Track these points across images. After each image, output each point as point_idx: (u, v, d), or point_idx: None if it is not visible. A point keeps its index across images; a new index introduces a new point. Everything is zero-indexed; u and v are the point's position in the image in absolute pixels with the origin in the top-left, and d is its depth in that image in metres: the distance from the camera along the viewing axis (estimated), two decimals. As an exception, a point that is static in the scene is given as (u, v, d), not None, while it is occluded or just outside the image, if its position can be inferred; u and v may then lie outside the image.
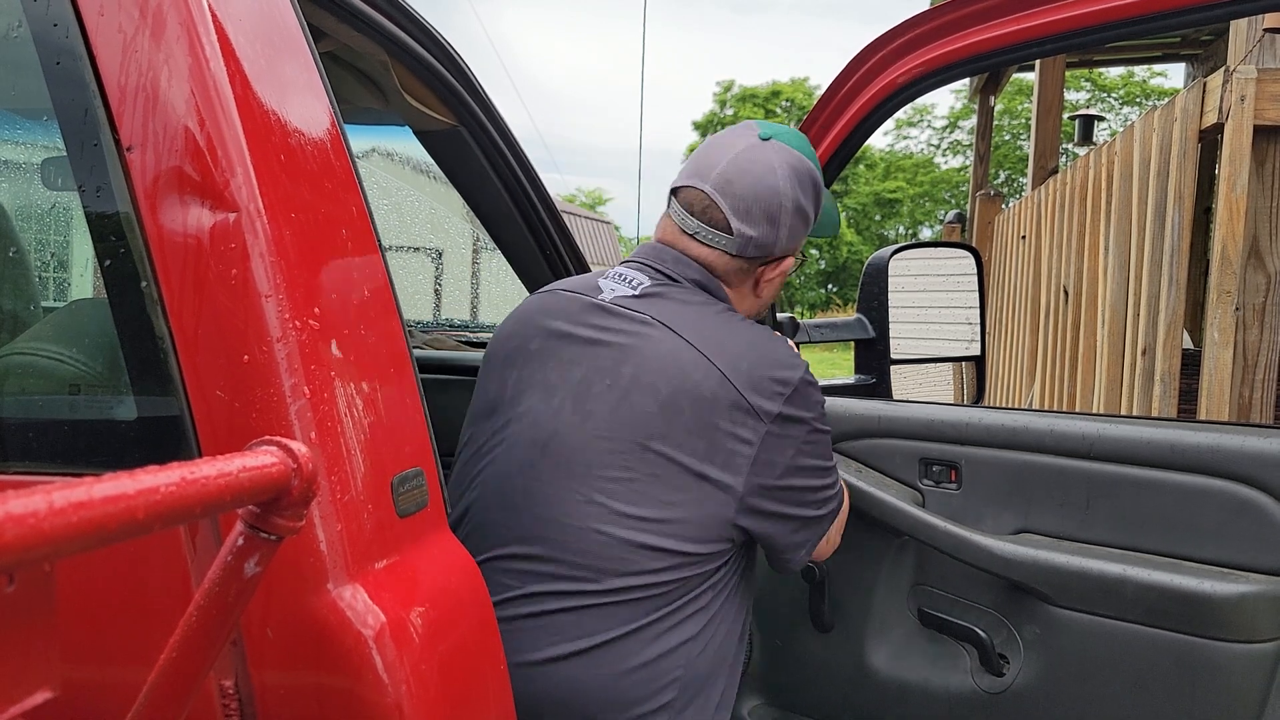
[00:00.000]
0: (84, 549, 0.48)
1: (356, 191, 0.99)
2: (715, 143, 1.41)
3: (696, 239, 1.37)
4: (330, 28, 1.28)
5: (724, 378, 1.26)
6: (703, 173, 1.37)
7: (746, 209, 1.34)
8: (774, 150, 1.37)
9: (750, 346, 1.31)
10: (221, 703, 0.85)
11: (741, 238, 1.35)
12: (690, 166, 1.40)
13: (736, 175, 1.35)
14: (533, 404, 1.32)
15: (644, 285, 1.36)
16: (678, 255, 1.38)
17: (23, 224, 1.24)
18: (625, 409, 1.26)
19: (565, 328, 1.35)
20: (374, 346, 0.96)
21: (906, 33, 1.66)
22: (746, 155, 1.36)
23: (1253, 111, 3.32)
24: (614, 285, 1.38)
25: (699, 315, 1.32)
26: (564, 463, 1.26)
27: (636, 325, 1.31)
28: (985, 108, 8.45)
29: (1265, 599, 1.38)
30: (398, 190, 4.01)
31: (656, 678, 1.24)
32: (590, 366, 1.30)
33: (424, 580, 0.94)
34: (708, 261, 1.38)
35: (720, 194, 1.35)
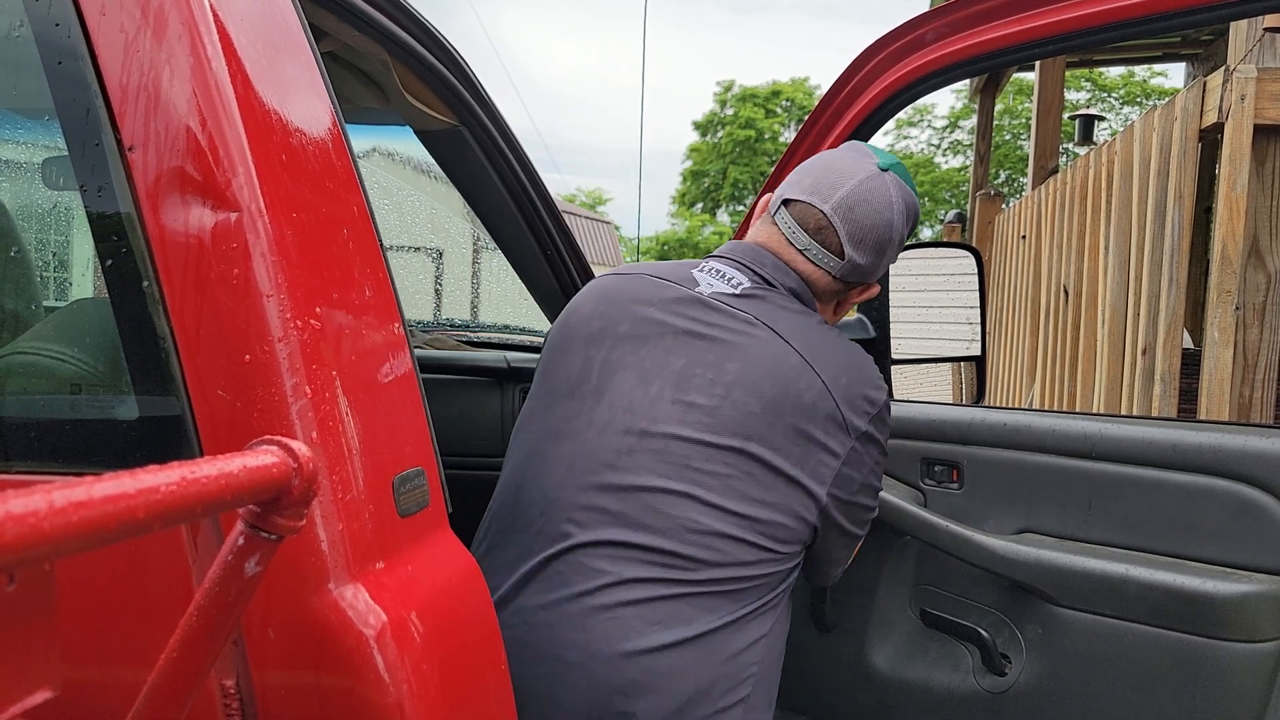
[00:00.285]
0: (84, 548, 0.48)
1: (358, 191, 0.99)
2: (834, 164, 1.41)
3: (805, 255, 1.39)
4: (331, 27, 1.28)
5: (825, 388, 1.29)
6: (823, 193, 1.37)
7: (861, 238, 1.37)
8: (893, 184, 1.39)
9: (850, 361, 1.34)
10: (222, 702, 0.85)
11: (850, 264, 1.38)
12: (806, 182, 1.40)
13: (858, 204, 1.36)
14: (626, 388, 1.31)
15: (744, 285, 1.37)
16: (778, 262, 1.39)
17: (24, 223, 1.24)
18: (728, 407, 1.26)
19: (660, 315, 1.35)
20: (375, 346, 0.96)
21: (907, 34, 1.66)
22: (868, 185, 1.37)
23: (1253, 111, 3.32)
24: (711, 280, 1.38)
25: (802, 323, 1.34)
26: (660, 451, 1.26)
27: (741, 324, 1.32)
28: (985, 108, 8.45)
29: (1267, 599, 1.38)
30: (398, 190, 4.01)
31: (739, 671, 1.26)
32: (691, 358, 1.30)
33: (425, 580, 0.94)
34: (808, 276, 1.40)
35: (840, 219, 1.36)
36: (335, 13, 1.24)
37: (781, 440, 1.26)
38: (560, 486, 1.29)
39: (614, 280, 1.44)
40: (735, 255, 1.41)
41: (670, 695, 1.21)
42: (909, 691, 1.73)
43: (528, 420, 1.39)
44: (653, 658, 1.21)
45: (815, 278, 1.40)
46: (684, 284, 1.37)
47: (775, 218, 1.42)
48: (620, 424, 1.29)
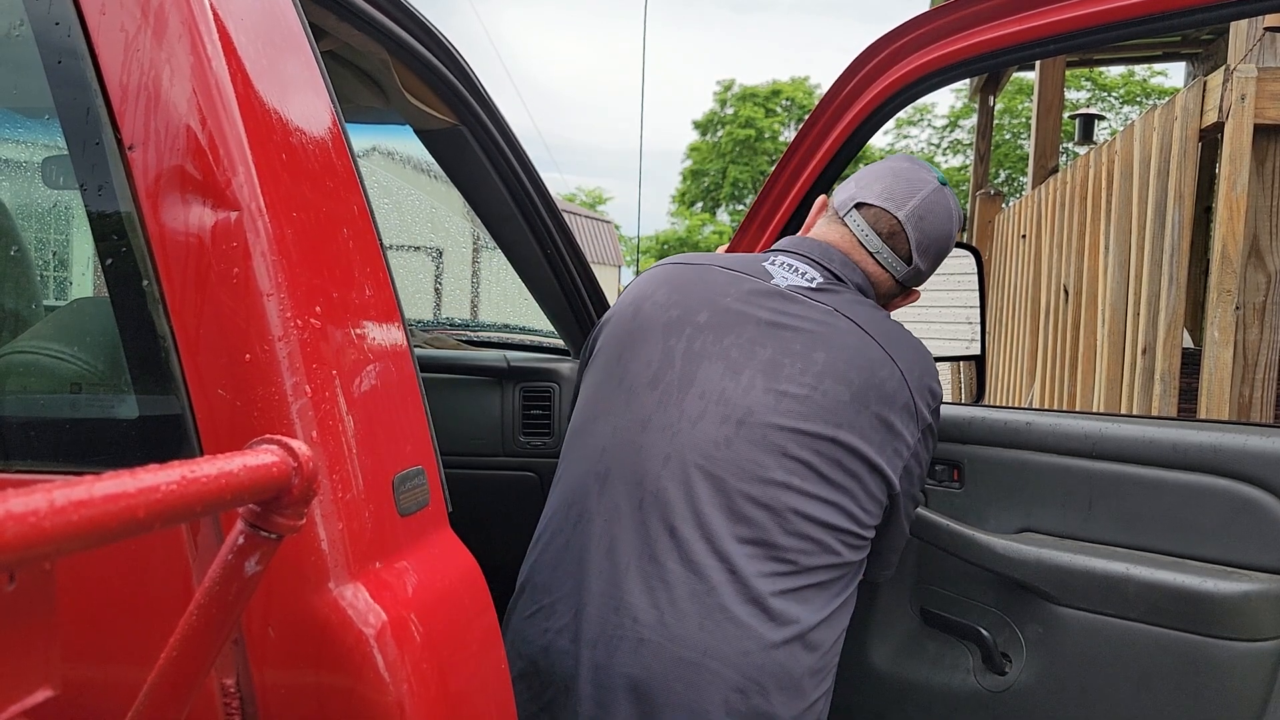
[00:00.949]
0: (84, 547, 0.48)
1: (358, 190, 0.99)
2: (902, 174, 1.46)
3: (876, 258, 1.45)
4: (331, 26, 1.28)
5: (903, 378, 1.33)
6: (897, 200, 1.43)
7: (927, 247, 1.45)
8: (951, 199, 1.47)
9: (919, 354, 1.39)
10: (222, 701, 0.85)
11: (914, 270, 1.46)
12: (878, 188, 1.45)
13: (927, 214, 1.44)
14: (715, 378, 1.31)
15: (817, 280, 1.40)
16: (847, 260, 1.43)
17: (24, 223, 1.24)
18: (819, 395, 1.29)
19: (739, 306, 1.36)
20: (375, 345, 0.96)
21: (908, 33, 1.66)
22: (935, 198, 1.45)
23: (1253, 110, 3.31)
24: (785, 274, 1.41)
25: (877, 316, 1.39)
26: (759, 441, 1.27)
27: (822, 315, 1.35)
28: (985, 107, 8.45)
29: (1267, 598, 1.38)
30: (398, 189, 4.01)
31: (827, 666, 1.28)
32: (778, 348, 1.32)
33: (425, 579, 0.94)
34: (874, 277, 1.46)
35: (912, 227, 1.43)
36: (335, 12, 1.23)
37: (868, 428, 1.30)
38: (658, 478, 1.28)
39: (683, 270, 1.44)
40: (804, 251, 1.44)
41: (797, 691, 1.22)
42: (909, 690, 1.73)
43: (603, 411, 1.36)
44: (774, 654, 1.21)
45: (880, 279, 1.46)
46: (758, 276, 1.40)
47: (846, 219, 1.46)
48: (715, 414, 1.29)
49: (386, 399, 0.95)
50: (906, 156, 1.52)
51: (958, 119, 28.41)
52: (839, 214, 1.48)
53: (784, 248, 1.46)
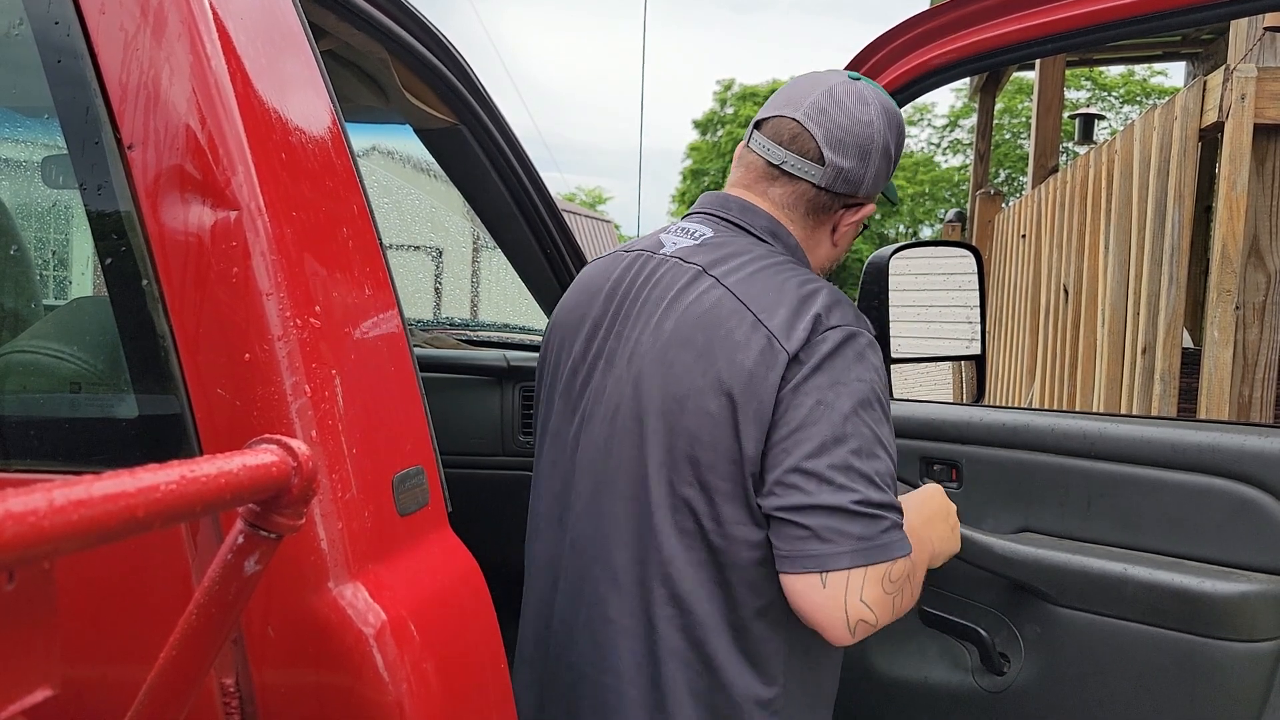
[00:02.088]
0: (84, 547, 0.48)
1: (357, 190, 0.99)
2: (804, 79, 1.34)
3: (784, 168, 1.30)
4: (331, 26, 1.28)
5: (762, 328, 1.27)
6: (794, 102, 1.30)
7: (840, 139, 1.27)
8: (866, 89, 1.31)
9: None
10: (222, 701, 0.85)
11: (833, 169, 1.28)
12: (777, 100, 1.33)
13: (831, 106, 1.28)
14: (604, 377, 1.36)
15: (705, 235, 1.32)
16: (743, 203, 1.33)
17: (24, 222, 1.24)
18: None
19: (637, 291, 1.35)
20: (374, 345, 0.96)
21: (907, 32, 1.66)
22: (841, 89, 1.30)
23: (1253, 110, 3.31)
24: (675, 239, 1.35)
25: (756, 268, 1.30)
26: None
27: (688, 277, 1.33)
28: (985, 106, 8.44)
29: (1266, 598, 1.38)
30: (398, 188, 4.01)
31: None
32: (646, 325, 1.34)
33: (425, 579, 0.94)
34: (789, 199, 1.31)
35: (814, 122, 1.28)
36: (335, 11, 1.23)
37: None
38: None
39: (592, 269, 1.41)
40: (702, 207, 1.37)
41: None
42: (907, 690, 1.73)
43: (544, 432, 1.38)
44: None
45: (800, 194, 1.30)
46: (652, 249, 1.33)
47: (751, 144, 1.35)
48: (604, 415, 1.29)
49: (386, 398, 0.95)
50: (824, 70, 1.39)
51: (958, 118, 28.41)
52: (746, 144, 1.36)
53: (692, 209, 1.39)
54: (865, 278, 1.95)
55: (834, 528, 1.10)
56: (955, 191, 29.14)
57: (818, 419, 1.12)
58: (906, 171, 33.11)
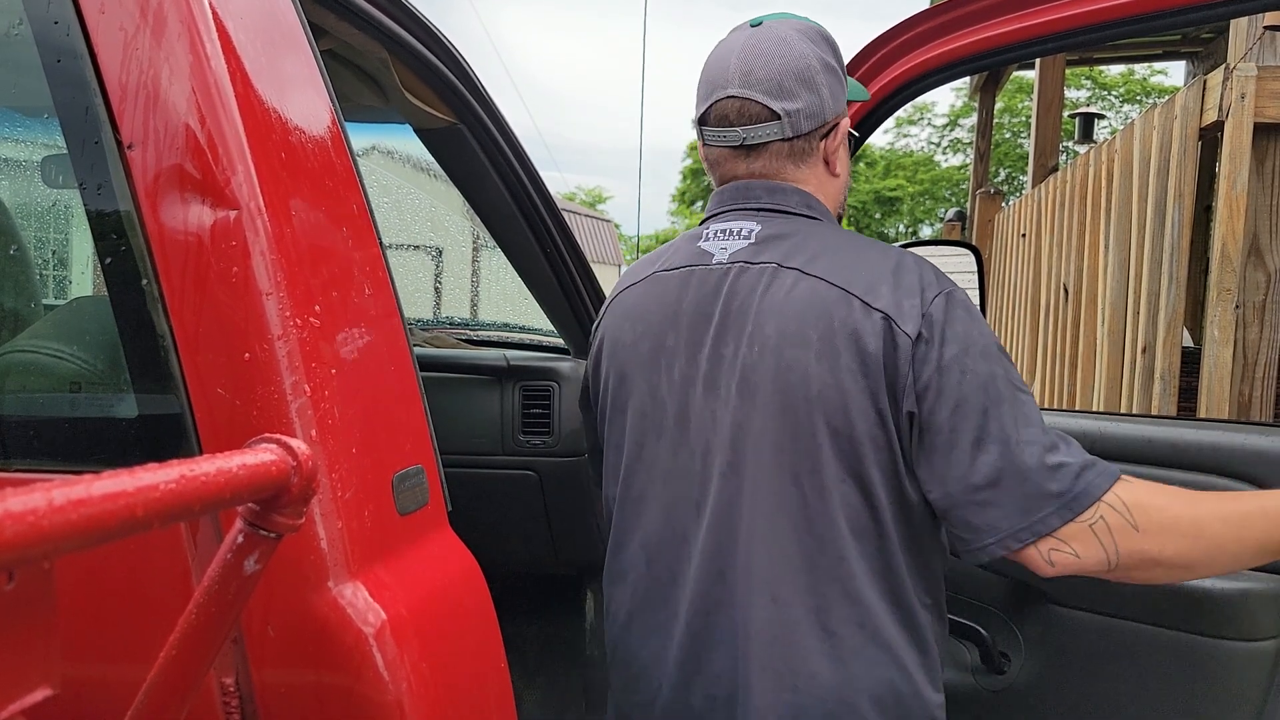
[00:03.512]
0: (84, 546, 0.48)
1: (357, 189, 0.99)
2: (713, 57, 1.28)
3: (749, 144, 1.25)
4: (331, 25, 1.28)
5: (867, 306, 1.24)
6: (718, 83, 1.25)
7: (779, 85, 1.22)
8: (776, 26, 1.26)
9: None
10: (222, 700, 0.85)
11: (789, 116, 1.23)
12: (702, 91, 1.28)
13: (753, 64, 1.23)
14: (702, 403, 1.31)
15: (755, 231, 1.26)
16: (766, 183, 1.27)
17: (24, 222, 1.24)
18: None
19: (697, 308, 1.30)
20: (374, 344, 0.96)
21: (907, 31, 1.66)
22: (751, 44, 1.24)
23: (1253, 109, 3.31)
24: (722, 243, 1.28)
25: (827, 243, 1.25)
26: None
27: (767, 278, 1.27)
28: (985, 106, 8.44)
29: (1266, 597, 1.38)
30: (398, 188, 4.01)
31: None
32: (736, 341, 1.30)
33: (425, 578, 0.94)
34: (776, 162, 1.26)
35: (746, 87, 1.22)
36: (335, 10, 1.23)
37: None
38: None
39: (636, 293, 1.32)
40: (728, 203, 1.29)
41: None
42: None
43: (632, 478, 1.29)
44: None
45: (777, 153, 1.25)
46: (699, 261, 1.26)
47: (707, 143, 1.29)
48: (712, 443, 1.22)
49: (386, 398, 0.95)
50: (727, 34, 1.33)
51: (957, 118, 28.41)
52: (703, 145, 1.30)
53: (711, 209, 1.31)
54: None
55: (1031, 492, 1.08)
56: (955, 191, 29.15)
57: (968, 390, 1.10)
58: (907, 171, 33.11)
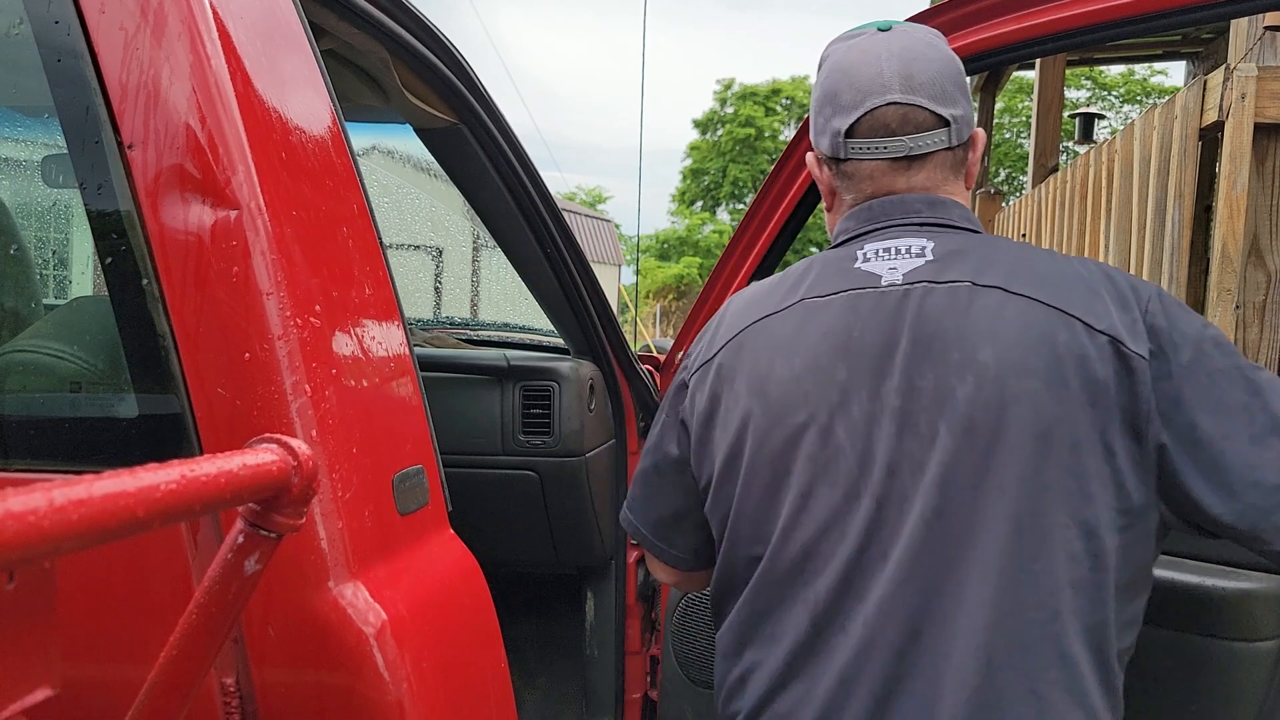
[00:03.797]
0: (84, 546, 0.48)
1: (357, 189, 0.99)
2: (852, 63, 1.15)
3: (914, 157, 1.13)
4: (331, 25, 1.28)
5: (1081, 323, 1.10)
6: (871, 89, 1.12)
7: (942, 91, 1.13)
8: (910, 30, 1.17)
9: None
10: (222, 700, 0.85)
11: (955, 124, 1.14)
12: (846, 99, 1.14)
13: (912, 67, 1.12)
14: (894, 444, 1.13)
15: (928, 248, 1.13)
16: (927, 196, 1.16)
17: (24, 221, 1.24)
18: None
19: (871, 335, 1.14)
20: (375, 344, 0.96)
21: (907, 30, 1.66)
22: (901, 47, 1.14)
23: (1253, 109, 3.31)
24: (891, 262, 1.14)
25: (1015, 257, 1.14)
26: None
27: (964, 297, 1.13)
28: (985, 105, 8.44)
29: (1267, 597, 1.38)
30: (398, 188, 4.01)
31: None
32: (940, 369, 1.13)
33: (425, 578, 0.94)
34: (939, 174, 1.15)
35: (910, 93, 1.11)
36: (335, 10, 1.23)
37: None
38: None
39: (781, 323, 1.14)
40: (885, 218, 1.15)
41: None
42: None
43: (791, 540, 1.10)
44: None
45: (940, 164, 1.15)
46: (865, 285, 1.11)
47: (849, 160, 1.16)
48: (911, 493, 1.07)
49: (386, 398, 0.95)
50: (844, 41, 1.21)
51: (958, 118, 28.38)
52: (838, 157, 1.17)
53: (861, 227, 1.16)
54: (865, 277, 1.95)
55: None
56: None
57: (1222, 390, 1.01)
58: (906, 171, 33.10)
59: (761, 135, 33.87)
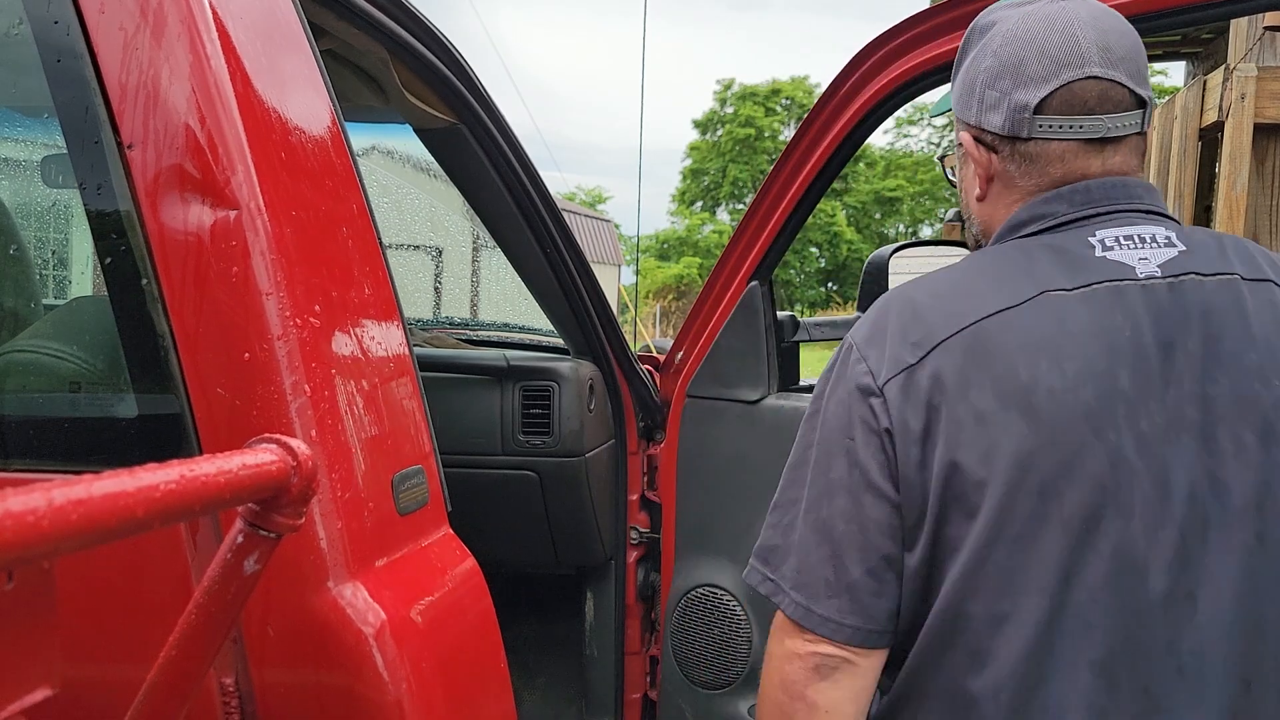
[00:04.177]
0: (83, 546, 0.48)
1: (357, 189, 0.99)
2: (1039, 30, 0.99)
3: (1118, 139, 0.99)
4: (331, 25, 1.28)
5: None
6: (1069, 60, 0.97)
7: (1137, 67, 0.99)
8: (1090, 1, 1.02)
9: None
10: (222, 700, 0.85)
11: (1149, 105, 1.01)
12: (1036, 69, 0.98)
13: (1109, 39, 0.98)
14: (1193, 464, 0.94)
15: (1171, 237, 0.99)
16: (1139, 181, 1.02)
17: (24, 221, 1.24)
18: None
19: (1144, 337, 0.97)
20: (374, 344, 0.96)
21: (907, 30, 1.66)
22: (1094, 14, 1.00)
23: (1253, 110, 3.32)
24: (1139, 252, 0.97)
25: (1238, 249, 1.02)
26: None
27: (1233, 289, 1.00)
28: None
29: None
30: (398, 188, 4.01)
31: None
32: (1234, 373, 0.97)
33: (424, 578, 0.94)
34: (1135, 159, 1.02)
35: (1109, 67, 0.97)
36: (335, 10, 1.23)
37: None
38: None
39: (1030, 319, 0.93)
40: (1106, 203, 0.99)
41: None
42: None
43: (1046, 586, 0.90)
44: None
45: (1134, 149, 1.01)
46: (1119, 275, 0.94)
47: (1033, 139, 1.00)
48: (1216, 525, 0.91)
49: (386, 398, 0.95)
50: (1008, 7, 1.05)
51: (958, 118, 28.40)
52: (1018, 136, 1.00)
53: (1077, 211, 0.99)
54: (865, 277, 1.95)
55: None
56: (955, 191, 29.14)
57: None
58: (907, 171, 33.12)
59: (761, 135, 33.90)
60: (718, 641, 1.97)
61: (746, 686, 1.95)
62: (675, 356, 2.05)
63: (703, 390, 1.97)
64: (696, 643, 1.98)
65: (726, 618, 1.96)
